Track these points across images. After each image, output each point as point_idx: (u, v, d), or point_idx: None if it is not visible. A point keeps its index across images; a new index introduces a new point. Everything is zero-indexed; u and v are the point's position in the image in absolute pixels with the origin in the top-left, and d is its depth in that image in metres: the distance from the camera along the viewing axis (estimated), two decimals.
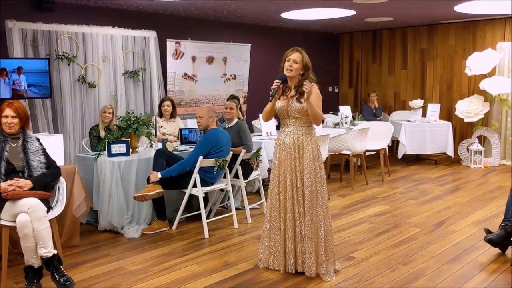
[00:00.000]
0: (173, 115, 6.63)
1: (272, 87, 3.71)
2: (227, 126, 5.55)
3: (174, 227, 5.10)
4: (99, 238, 4.87)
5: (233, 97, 7.01)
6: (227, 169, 5.12)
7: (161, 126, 6.47)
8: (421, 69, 10.11)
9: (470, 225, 5.13)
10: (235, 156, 5.23)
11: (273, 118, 4.45)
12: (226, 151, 5.02)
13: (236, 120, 5.57)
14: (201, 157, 4.77)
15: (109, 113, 6.03)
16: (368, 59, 10.90)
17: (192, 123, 6.82)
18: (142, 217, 5.13)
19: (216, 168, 4.89)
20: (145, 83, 7.25)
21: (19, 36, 5.92)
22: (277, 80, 3.75)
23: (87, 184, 5.16)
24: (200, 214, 4.94)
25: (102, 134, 5.89)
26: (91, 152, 5.53)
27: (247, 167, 5.45)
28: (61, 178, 4.04)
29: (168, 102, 6.56)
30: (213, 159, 4.87)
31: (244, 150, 5.27)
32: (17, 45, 5.89)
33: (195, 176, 4.79)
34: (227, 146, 5.05)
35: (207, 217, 5.37)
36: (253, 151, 5.46)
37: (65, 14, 6.43)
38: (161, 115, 6.59)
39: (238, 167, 5.25)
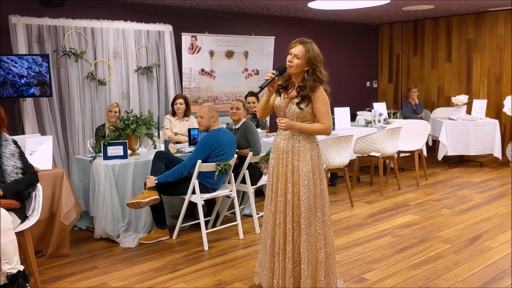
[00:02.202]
0: (186, 113, 6.24)
1: (265, 78, 3.20)
2: (234, 128, 5.07)
3: (174, 236, 4.68)
4: (93, 247, 4.52)
5: (251, 94, 6.55)
6: (232, 174, 4.65)
7: (167, 127, 6.08)
8: (467, 61, 9.23)
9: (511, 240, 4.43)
10: (242, 160, 4.76)
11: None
12: (229, 154, 4.55)
13: (243, 120, 5.08)
14: (199, 161, 4.32)
15: (115, 111, 5.70)
16: (409, 52, 10.10)
17: None
18: (141, 225, 4.75)
19: (217, 173, 4.43)
20: (160, 80, 6.86)
21: (24, 32, 5.65)
22: (274, 71, 3.22)
23: (85, 188, 4.86)
24: (206, 222, 4.50)
25: None
26: (94, 153, 5.20)
27: (256, 171, 4.96)
28: (38, 185, 3.69)
29: (181, 100, 6.17)
30: (213, 163, 4.41)
31: (251, 153, 4.77)
32: (21, 41, 5.61)
33: (194, 182, 4.35)
34: (230, 149, 4.57)
35: (214, 224, 4.95)
36: (263, 154, 4.96)
37: (72, 8, 6.11)
38: (174, 113, 6.21)
39: (245, 171, 4.77)
